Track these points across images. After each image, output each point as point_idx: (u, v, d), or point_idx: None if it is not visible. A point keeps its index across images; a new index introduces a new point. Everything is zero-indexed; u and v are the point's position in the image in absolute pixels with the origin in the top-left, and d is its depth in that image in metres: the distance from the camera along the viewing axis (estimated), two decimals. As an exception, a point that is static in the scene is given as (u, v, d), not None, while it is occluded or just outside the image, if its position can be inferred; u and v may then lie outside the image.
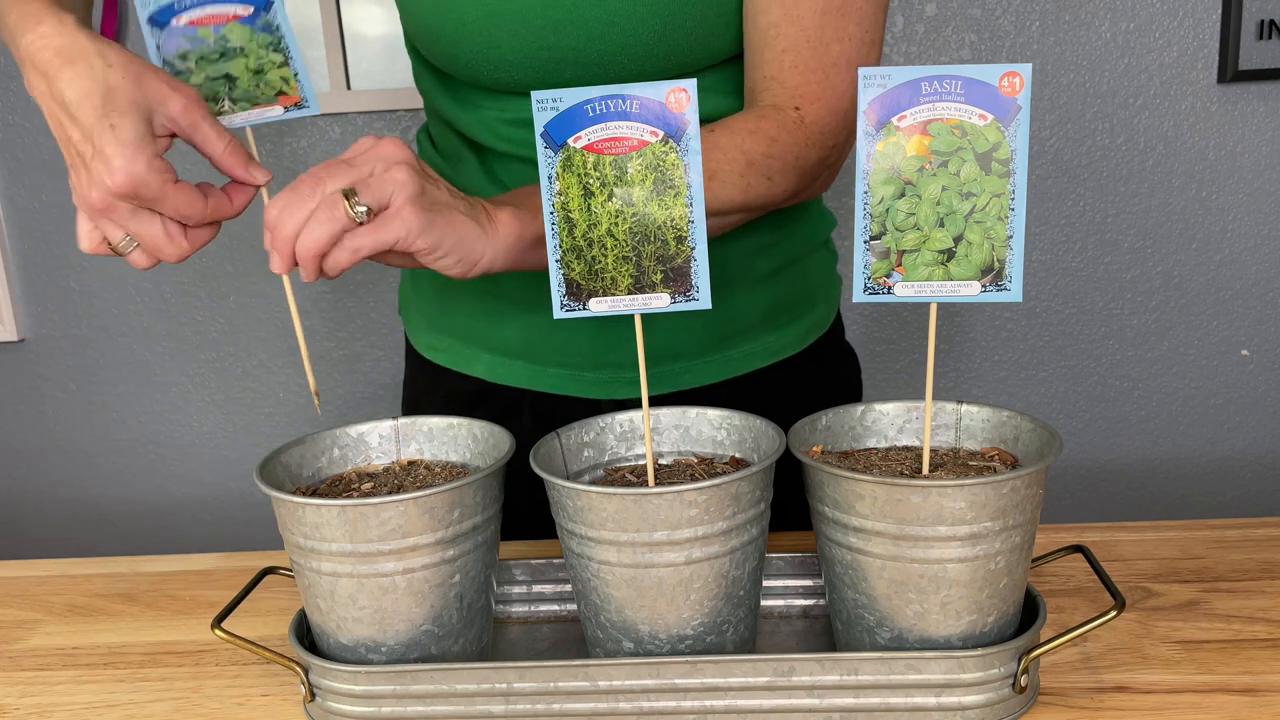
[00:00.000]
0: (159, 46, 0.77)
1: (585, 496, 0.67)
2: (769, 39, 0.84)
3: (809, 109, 0.84)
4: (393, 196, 0.69)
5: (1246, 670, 0.73)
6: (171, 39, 0.77)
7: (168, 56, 0.77)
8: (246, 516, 2.06)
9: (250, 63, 0.77)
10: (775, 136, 0.82)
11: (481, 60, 0.88)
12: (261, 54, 0.77)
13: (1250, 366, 1.88)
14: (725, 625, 0.71)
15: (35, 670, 0.83)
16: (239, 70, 0.77)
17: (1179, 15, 1.73)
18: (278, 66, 0.78)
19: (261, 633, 0.84)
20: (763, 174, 0.82)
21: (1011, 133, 0.64)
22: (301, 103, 0.78)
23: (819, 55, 0.84)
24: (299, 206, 0.68)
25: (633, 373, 0.94)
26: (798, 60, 0.84)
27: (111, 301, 1.95)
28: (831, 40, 0.83)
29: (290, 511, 0.69)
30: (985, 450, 0.75)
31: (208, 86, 0.77)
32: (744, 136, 0.81)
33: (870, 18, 0.85)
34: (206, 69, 0.77)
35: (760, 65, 0.85)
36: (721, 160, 0.80)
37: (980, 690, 0.67)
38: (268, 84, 0.78)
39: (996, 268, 0.66)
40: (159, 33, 0.77)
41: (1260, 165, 1.78)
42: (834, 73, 0.84)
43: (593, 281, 0.68)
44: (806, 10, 0.82)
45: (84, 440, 2.04)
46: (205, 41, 0.77)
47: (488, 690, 0.69)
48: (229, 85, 0.78)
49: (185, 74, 0.77)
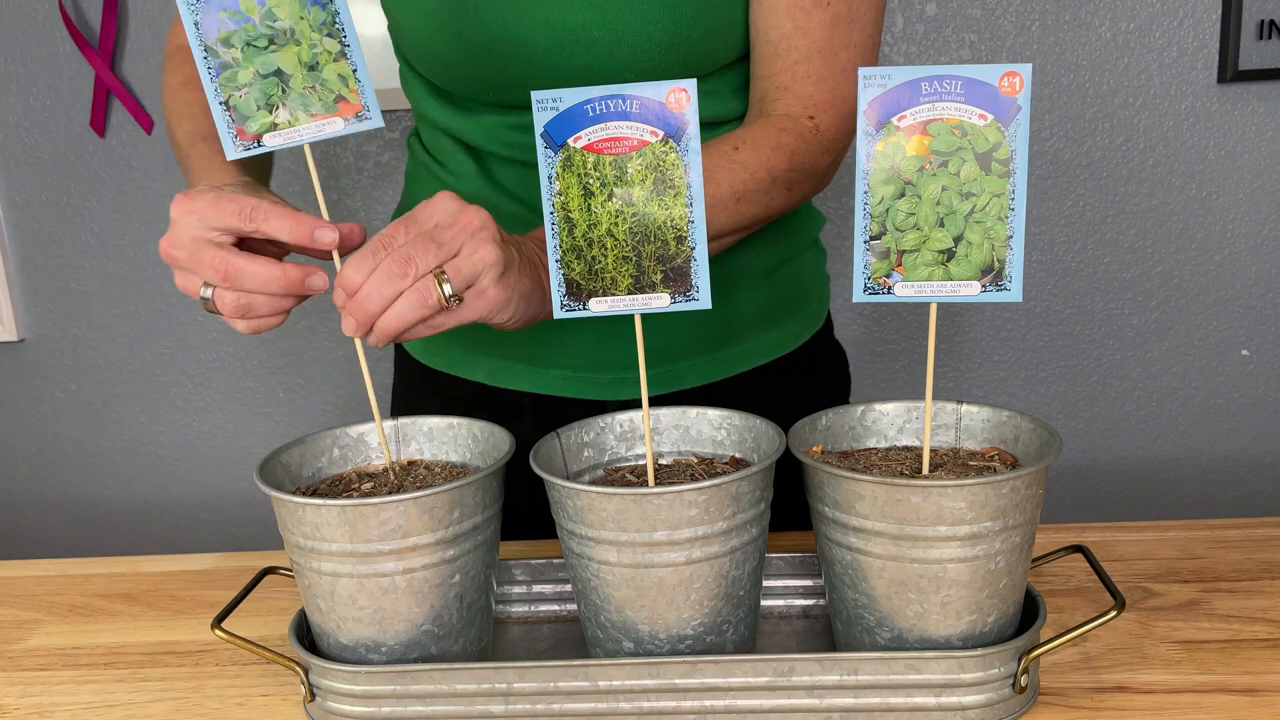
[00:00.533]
0: (198, 25, 0.68)
1: (585, 496, 0.67)
2: (780, 51, 0.85)
3: (822, 117, 0.86)
4: (480, 277, 0.69)
5: (1246, 670, 0.73)
6: (210, 14, 0.68)
7: (208, 42, 0.68)
8: (246, 516, 2.06)
9: (304, 53, 0.69)
10: (795, 149, 0.84)
11: (486, 83, 0.88)
12: (315, 40, 0.69)
13: (1250, 366, 1.88)
14: (725, 625, 0.71)
15: (35, 670, 0.83)
16: (291, 65, 0.69)
17: (1179, 15, 1.73)
18: (334, 59, 0.70)
19: (261, 633, 0.84)
20: (784, 187, 0.85)
21: (1011, 133, 0.64)
22: (363, 113, 0.71)
23: (829, 64, 0.85)
24: (387, 284, 0.67)
25: (634, 373, 0.94)
26: (810, 70, 0.85)
27: (111, 301, 1.95)
28: (840, 49, 0.85)
29: (290, 511, 0.69)
30: (985, 450, 0.75)
31: (258, 89, 0.69)
32: (768, 153, 0.83)
33: (873, 23, 0.87)
34: (254, 60, 0.68)
35: (771, 75, 0.87)
36: (749, 180, 0.82)
37: (980, 690, 0.67)
38: (325, 85, 0.70)
39: (996, 268, 0.65)
40: (197, 5, 0.68)
41: (1260, 165, 1.78)
42: (843, 79, 0.86)
43: (593, 281, 0.68)
44: (817, 23, 0.84)
45: (84, 440, 2.04)
46: (249, 19, 0.68)
47: (488, 690, 0.69)
48: (281, 87, 0.69)
49: (232, 66, 0.68)
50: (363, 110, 0.71)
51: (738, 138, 0.84)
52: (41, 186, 1.90)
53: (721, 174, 0.81)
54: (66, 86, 1.84)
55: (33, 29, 1.82)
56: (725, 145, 0.83)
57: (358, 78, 0.70)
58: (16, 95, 1.85)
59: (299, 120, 0.70)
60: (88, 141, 1.87)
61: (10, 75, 1.84)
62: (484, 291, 0.70)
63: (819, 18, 0.84)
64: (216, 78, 0.69)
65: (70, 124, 1.86)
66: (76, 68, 1.83)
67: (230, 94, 0.69)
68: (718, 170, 0.81)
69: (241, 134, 0.70)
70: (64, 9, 1.77)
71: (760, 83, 0.88)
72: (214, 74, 0.69)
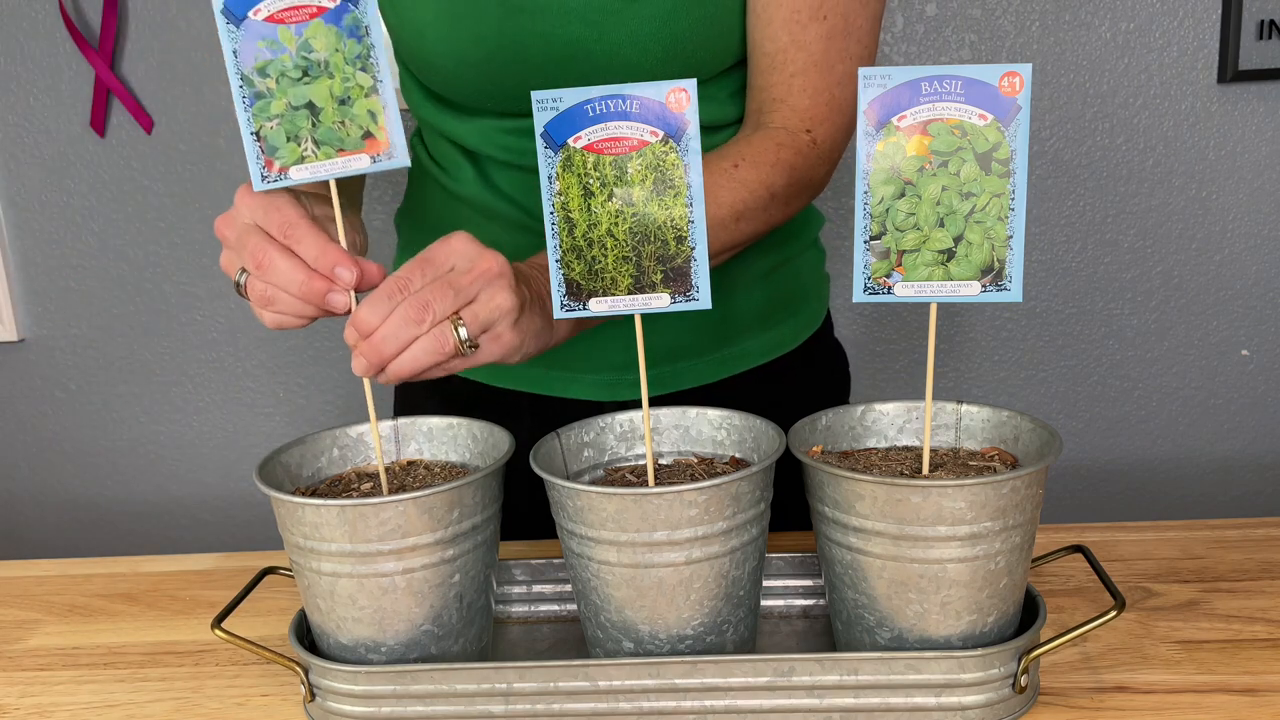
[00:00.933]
0: (236, 54, 0.68)
1: (585, 496, 0.67)
2: (776, 64, 0.85)
3: (819, 130, 0.86)
4: (496, 323, 0.70)
5: (1246, 670, 0.73)
6: (249, 42, 0.68)
7: (245, 70, 0.69)
8: (246, 516, 2.06)
9: (336, 87, 0.69)
10: (794, 164, 0.84)
11: (482, 93, 0.88)
12: (348, 73, 0.69)
13: (1250, 366, 1.88)
14: (725, 625, 0.71)
15: (35, 670, 0.83)
16: (323, 98, 0.69)
17: (1179, 15, 1.73)
18: (365, 94, 0.69)
19: (261, 633, 0.84)
20: (783, 202, 0.85)
21: (1011, 133, 0.64)
22: (389, 151, 0.70)
23: (825, 77, 0.85)
24: (404, 328, 0.67)
25: (633, 374, 0.94)
26: (806, 84, 0.85)
27: (111, 301, 1.95)
28: (836, 61, 0.85)
29: (290, 511, 0.69)
30: (985, 450, 0.75)
31: (288, 120, 0.69)
32: (767, 171, 0.83)
33: (870, 34, 0.87)
34: (288, 92, 0.69)
35: (767, 88, 0.87)
36: (748, 199, 0.82)
37: (980, 690, 0.67)
38: (354, 120, 0.70)
39: (996, 268, 0.65)
40: (236, 32, 0.68)
41: (1260, 165, 1.78)
42: (839, 91, 0.86)
43: (593, 281, 0.68)
44: (813, 36, 0.84)
45: (84, 440, 2.04)
46: (285, 49, 0.68)
47: (488, 690, 0.69)
48: (311, 120, 0.69)
49: (266, 96, 0.69)
50: (389, 148, 0.70)
51: (737, 154, 0.83)
52: (41, 186, 1.90)
53: (722, 193, 0.81)
54: (66, 86, 1.84)
55: (33, 29, 1.82)
56: (725, 163, 0.83)
57: (387, 115, 0.70)
58: (16, 95, 1.85)
59: (326, 155, 0.70)
60: (88, 141, 1.87)
61: (10, 75, 1.84)
62: (499, 337, 0.70)
63: (815, 31, 0.84)
64: (250, 107, 0.69)
65: (70, 124, 1.86)
66: (76, 68, 1.83)
67: (262, 124, 0.69)
68: (718, 189, 0.81)
69: (269, 165, 0.70)
70: (64, 9, 1.77)
71: (757, 94, 0.88)
72: (248, 103, 0.69)
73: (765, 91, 0.87)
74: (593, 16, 0.83)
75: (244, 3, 0.68)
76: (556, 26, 0.83)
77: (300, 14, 0.68)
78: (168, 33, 1.81)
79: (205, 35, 1.81)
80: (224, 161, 1.87)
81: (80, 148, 1.87)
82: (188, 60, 1.82)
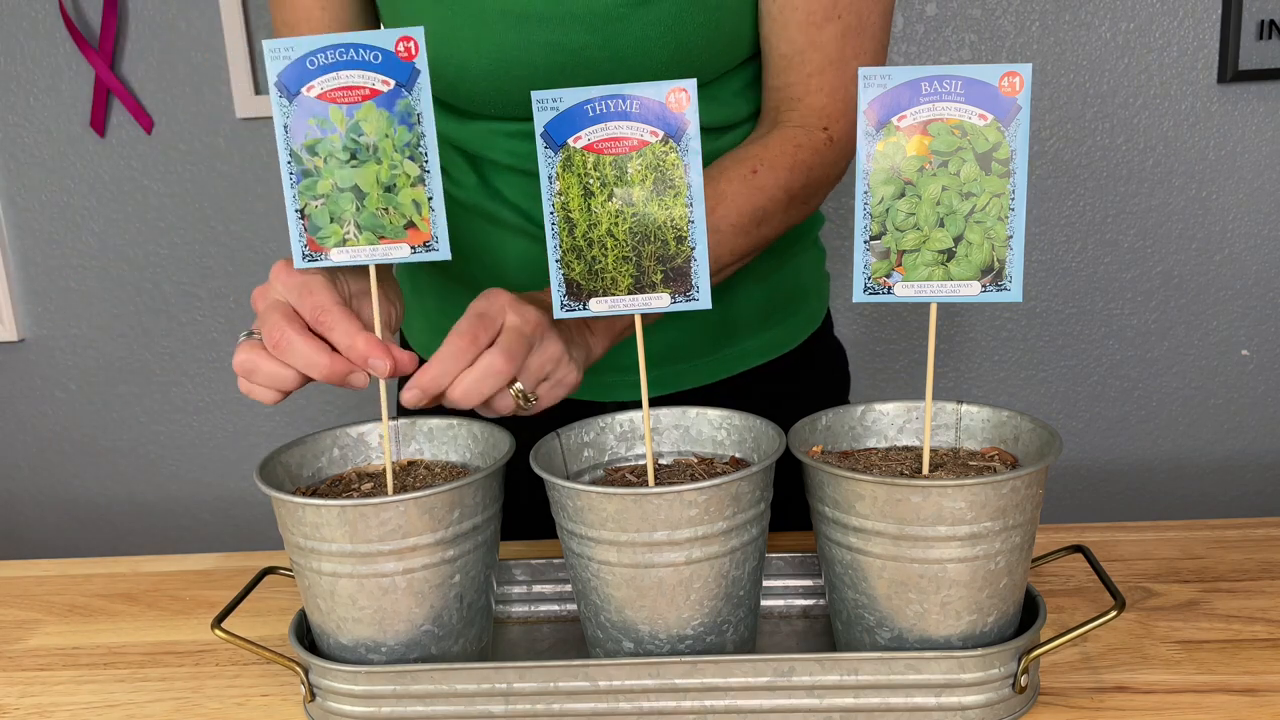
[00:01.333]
0: (287, 128, 0.68)
1: (585, 496, 0.67)
2: (793, 65, 0.86)
3: (835, 127, 0.87)
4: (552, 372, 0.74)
5: (1246, 670, 0.73)
6: (300, 118, 0.68)
7: (294, 146, 0.68)
8: (246, 516, 2.06)
9: (383, 173, 0.68)
10: (811, 164, 0.85)
11: (485, 101, 0.88)
12: (396, 160, 0.68)
13: (1250, 366, 1.88)
14: (725, 625, 0.71)
15: (35, 670, 0.83)
16: (369, 183, 0.68)
17: (1179, 15, 1.73)
18: (411, 183, 0.68)
19: (261, 633, 0.84)
20: (800, 202, 0.85)
21: (1011, 133, 0.64)
22: (431, 243, 0.69)
23: (841, 75, 0.86)
24: (475, 389, 0.69)
25: (634, 375, 0.94)
26: (823, 83, 0.86)
27: (111, 301, 1.95)
28: (851, 59, 0.85)
29: (290, 511, 0.69)
30: (985, 450, 0.75)
31: (333, 201, 0.69)
32: (785, 174, 0.83)
33: (883, 29, 0.87)
34: (335, 173, 0.68)
35: (784, 88, 0.87)
36: (768, 204, 0.82)
37: (980, 690, 0.67)
38: (398, 209, 0.69)
39: (996, 268, 0.65)
40: (288, 107, 0.68)
41: (1260, 165, 1.78)
42: (854, 88, 0.86)
43: (593, 281, 0.68)
44: (829, 36, 0.84)
45: (84, 440, 2.04)
46: (336, 130, 0.68)
47: (488, 690, 0.69)
48: (356, 204, 0.69)
49: (313, 174, 0.69)
50: (431, 240, 0.70)
51: (755, 159, 0.84)
52: (41, 186, 1.90)
53: (741, 200, 0.81)
54: (66, 86, 1.84)
55: (33, 29, 1.82)
56: (743, 169, 0.83)
57: (432, 206, 0.69)
58: (16, 95, 1.85)
59: (368, 240, 0.70)
60: (88, 141, 1.87)
61: (10, 75, 1.84)
62: (561, 380, 0.75)
63: (830, 31, 0.84)
64: (297, 184, 0.69)
65: (70, 124, 1.86)
66: (76, 68, 1.83)
67: (307, 202, 0.69)
68: (738, 196, 0.81)
69: (311, 244, 0.70)
70: (64, 9, 1.77)
71: (773, 94, 0.88)
72: (295, 180, 0.69)
73: (781, 91, 0.87)
74: (597, 23, 0.83)
75: (298, 78, 0.67)
76: (561, 34, 0.83)
77: (353, 95, 0.68)
78: (168, 33, 1.81)
79: (205, 35, 1.81)
80: (224, 161, 1.87)
81: (80, 148, 1.87)
82: (188, 60, 1.82)
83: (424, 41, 0.67)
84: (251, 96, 1.82)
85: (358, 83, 0.67)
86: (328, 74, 0.67)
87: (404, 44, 0.67)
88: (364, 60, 0.67)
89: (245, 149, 1.86)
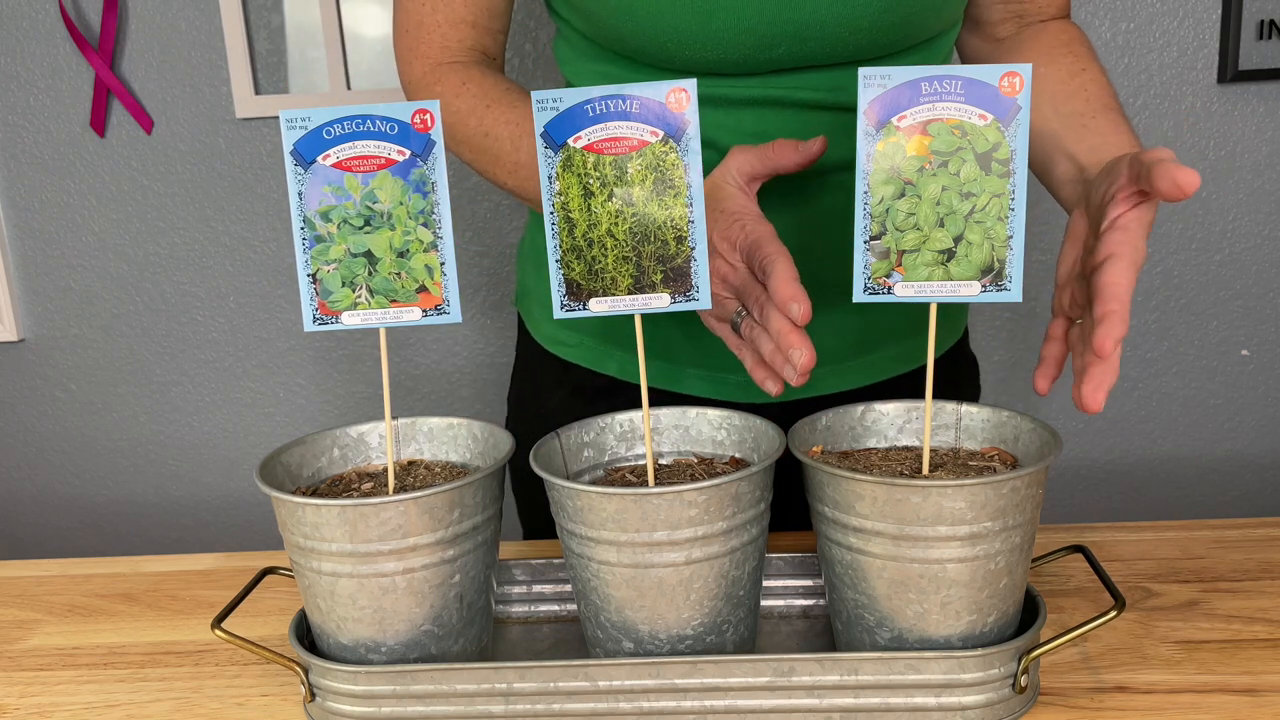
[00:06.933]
0: (301, 195, 0.69)
1: (585, 496, 0.67)
2: None
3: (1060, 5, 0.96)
4: None
5: (1246, 670, 0.73)
6: (315, 186, 0.69)
7: (308, 213, 0.69)
8: (246, 516, 2.06)
9: (396, 239, 0.69)
10: (1083, 38, 0.92)
11: (686, 36, 0.82)
12: (409, 227, 0.69)
13: (1250, 366, 1.88)
14: (725, 625, 0.71)
15: (35, 670, 0.83)
16: (382, 249, 0.69)
17: (1179, 15, 1.73)
18: (424, 249, 0.69)
19: (261, 633, 0.84)
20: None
21: (1011, 133, 0.64)
22: (442, 307, 0.70)
23: None
24: None
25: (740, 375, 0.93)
26: None
27: (111, 301, 1.95)
28: None
29: (290, 511, 0.69)
30: (985, 450, 0.75)
31: (346, 265, 0.70)
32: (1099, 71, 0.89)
33: None
34: (348, 239, 0.69)
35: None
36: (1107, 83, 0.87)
37: (980, 690, 0.67)
38: (410, 274, 0.70)
39: (996, 268, 0.66)
40: (303, 175, 0.69)
41: (1260, 165, 1.78)
42: None
43: (593, 281, 0.68)
44: None
45: (84, 440, 2.04)
46: (350, 197, 0.69)
47: (488, 690, 0.69)
48: (369, 268, 0.70)
49: (326, 240, 0.70)
50: (443, 304, 0.71)
51: (1075, 57, 0.88)
52: (41, 186, 1.90)
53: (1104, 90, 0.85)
54: (66, 86, 1.84)
55: (33, 29, 1.82)
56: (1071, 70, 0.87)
57: (444, 271, 0.70)
58: (16, 95, 1.85)
59: (379, 304, 0.71)
60: (88, 141, 1.87)
61: (10, 75, 1.84)
62: None
63: None
64: (309, 249, 0.70)
65: (70, 124, 1.86)
66: (76, 68, 1.83)
67: (319, 267, 0.70)
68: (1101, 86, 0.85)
69: (323, 308, 0.71)
70: (64, 9, 1.77)
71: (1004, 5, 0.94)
72: (307, 245, 0.70)
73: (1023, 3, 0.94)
74: None
75: (314, 147, 0.68)
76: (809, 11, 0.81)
77: (369, 164, 0.69)
78: (168, 33, 1.81)
79: (205, 35, 1.81)
80: (224, 161, 1.87)
81: (80, 148, 1.87)
82: (188, 60, 1.82)
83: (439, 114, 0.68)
84: (251, 97, 1.81)
85: (373, 152, 0.69)
86: (344, 144, 0.69)
87: (420, 116, 0.68)
88: (380, 131, 0.68)
89: (245, 149, 1.86)
